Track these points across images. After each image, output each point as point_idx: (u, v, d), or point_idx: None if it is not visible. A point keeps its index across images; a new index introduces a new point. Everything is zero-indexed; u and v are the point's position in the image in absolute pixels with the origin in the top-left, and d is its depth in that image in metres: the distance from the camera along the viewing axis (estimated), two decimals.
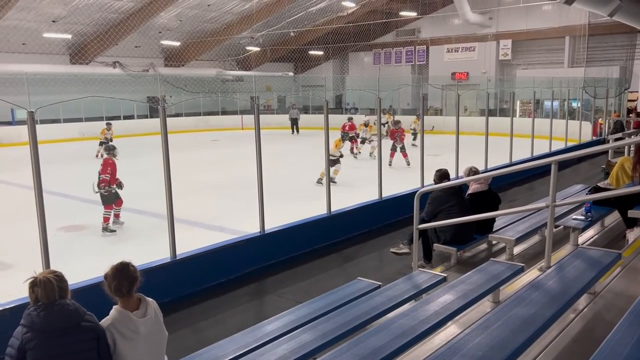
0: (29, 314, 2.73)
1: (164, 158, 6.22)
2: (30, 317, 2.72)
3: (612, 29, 23.60)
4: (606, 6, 11.37)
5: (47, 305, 2.74)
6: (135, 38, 25.19)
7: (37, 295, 2.75)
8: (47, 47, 23.05)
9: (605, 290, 4.11)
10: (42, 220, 4.99)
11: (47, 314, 2.71)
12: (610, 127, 20.19)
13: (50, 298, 2.75)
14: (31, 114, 4.85)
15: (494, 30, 28.82)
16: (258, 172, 7.24)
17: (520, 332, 3.10)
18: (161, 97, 6.67)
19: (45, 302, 2.74)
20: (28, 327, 2.70)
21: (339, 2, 26.28)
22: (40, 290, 2.74)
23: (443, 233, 6.14)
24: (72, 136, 24.23)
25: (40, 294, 2.74)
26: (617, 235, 6.08)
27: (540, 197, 8.45)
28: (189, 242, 6.77)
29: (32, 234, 5.17)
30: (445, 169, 6.67)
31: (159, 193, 6.70)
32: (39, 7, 21.15)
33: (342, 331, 3.68)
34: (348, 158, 15.92)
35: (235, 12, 26.74)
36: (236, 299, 6.45)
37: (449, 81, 27.09)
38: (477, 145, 12.35)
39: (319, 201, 8.43)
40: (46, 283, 2.75)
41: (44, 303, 2.74)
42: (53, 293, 2.75)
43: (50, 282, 2.76)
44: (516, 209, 6.13)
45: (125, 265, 2.98)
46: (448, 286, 4.28)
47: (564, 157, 5.06)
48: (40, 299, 2.74)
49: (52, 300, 2.75)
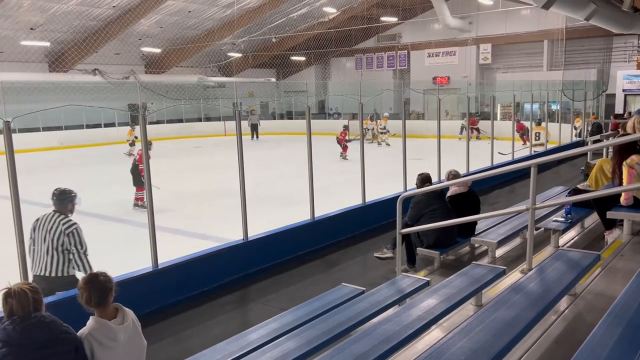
0: (4, 328, 2.66)
1: (145, 166, 6.16)
2: (6, 331, 2.65)
3: (589, 32, 23.98)
4: (582, 10, 11.57)
5: (23, 318, 2.68)
6: (115, 45, 24.97)
7: (12, 307, 2.68)
8: (24, 55, 22.73)
9: (586, 292, 4.15)
10: (19, 232, 4.90)
11: (24, 328, 2.65)
12: (588, 130, 20.51)
13: (25, 310, 2.69)
14: (7, 123, 4.77)
15: (474, 35, 29.16)
16: (240, 179, 7.21)
17: (502, 335, 3.12)
18: (141, 105, 6.63)
19: (21, 315, 2.68)
20: (4, 341, 2.63)
21: (320, 8, 26.39)
22: (14, 302, 2.68)
23: (426, 237, 6.18)
24: (52, 145, 23.94)
25: (15, 305, 2.68)
26: (597, 236, 6.16)
27: (521, 199, 8.53)
28: (171, 250, 6.71)
29: (10, 246, 5.08)
30: (427, 173, 6.71)
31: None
32: (16, 14, 20.86)
33: (327, 338, 3.67)
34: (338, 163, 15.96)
35: (216, 19, 26.68)
36: (220, 307, 6.40)
37: (430, 85, 27.31)
38: (458, 148, 12.45)
39: (302, 207, 8.42)
40: (20, 294, 2.69)
41: (20, 316, 2.68)
42: (28, 305, 2.69)
43: (25, 293, 2.70)
44: (497, 212, 6.19)
45: (95, 276, 2.95)
46: (431, 290, 4.29)
47: (543, 160, 5.12)
48: (15, 311, 2.68)
49: (27, 312, 2.69)
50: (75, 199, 5.38)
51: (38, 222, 5.23)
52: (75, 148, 24.07)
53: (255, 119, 28.45)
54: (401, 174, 9.74)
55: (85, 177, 16.03)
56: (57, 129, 25.09)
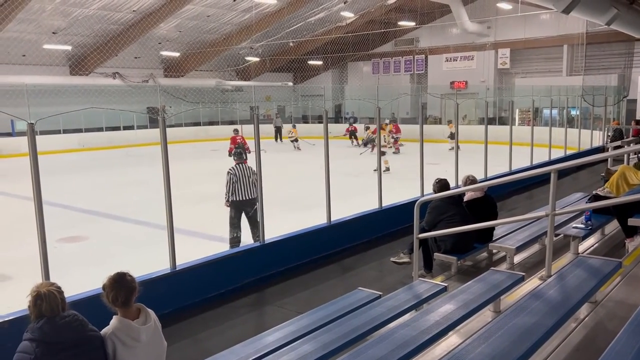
0: (39, 327, 2.73)
1: (163, 168, 6.22)
2: (42, 330, 2.72)
3: (609, 37, 23.71)
4: (604, 15, 11.43)
5: (54, 318, 2.76)
6: (135, 49, 25.31)
7: (41, 309, 2.75)
8: (47, 58, 23.14)
9: (606, 299, 4.10)
10: (41, 232, 4.97)
11: (59, 326, 2.74)
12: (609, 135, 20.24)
13: (54, 311, 2.77)
14: (31, 125, 4.84)
15: (493, 39, 28.97)
16: (258, 182, 7.24)
17: (521, 341, 3.09)
18: (161, 108, 6.69)
19: (51, 316, 2.75)
20: (39, 340, 2.70)
21: (337, 13, 26.44)
22: (44, 304, 2.75)
23: (443, 242, 6.14)
24: (72, 147, 24.30)
25: (44, 307, 2.75)
26: (618, 243, 6.07)
27: (539, 205, 8.45)
28: (189, 252, 6.76)
29: (32, 245, 5.16)
30: (445, 179, 6.67)
31: (158, 203, 6.70)
32: (39, 19, 21.25)
33: (343, 342, 3.66)
34: (349, 167, 15.94)
35: (234, 23, 26.88)
36: (236, 309, 6.42)
37: (447, 90, 27.19)
38: (476, 153, 12.36)
39: (318, 211, 8.42)
40: (50, 296, 2.77)
41: (50, 316, 2.75)
42: (57, 306, 2.78)
43: (54, 295, 2.78)
44: (516, 217, 6.13)
45: (122, 275, 2.99)
46: (449, 296, 4.27)
47: (563, 166, 5.06)
48: (44, 312, 2.75)
49: (56, 313, 2.77)
50: None
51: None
52: (94, 150, 24.42)
53: (279, 122, 28.78)
54: (411, 179, 9.68)
55: (104, 179, 16.25)
56: (77, 132, 25.46)
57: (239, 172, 8.37)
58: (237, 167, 8.45)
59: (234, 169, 8.42)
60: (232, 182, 8.33)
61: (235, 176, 8.33)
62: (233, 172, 8.38)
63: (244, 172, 8.38)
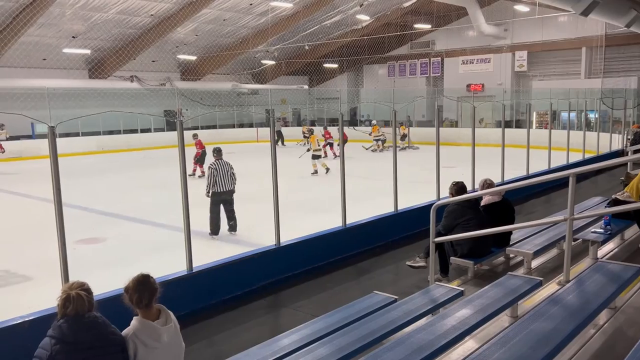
0: (59, 326, 2.78)
1: (181, 171, 6.27)
2: (61, 329, 2.76)
3: (629, 39, 23.39)
4: (623, 17, 11.28)
5: (77, 318, 2.79)
6: (152, 53, 25.56)
7: (67, 310, 2.80)
8: (66, 62, 23.47)
9: (627, 305, 4.04)
10: (61, 234, 5.05)
11: (78, 327, 2.77)
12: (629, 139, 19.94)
13: (78, 313, 2.81)
14: (52, 128, 4.93)
15: (509, 42, 28.74)
16: (274, 185, 7.27)
17: (539, 347, 3.06)
18: (178, 111, 6.76)
19: (75, 315, 2.79)
20: (58, 338, 2.74)
21: (353, 16, 26.44)
22: (71, 306, 2.80)
23: (460, 246, 6.09)
24: (90, 149, 24.60)
25: (70, 309, 2.80)
26: (638, 249, 5.98)
27: (558, 209, 8.34)
28: (206, 254, 6.80)
29: (52, 247, 5.24)
30: (462, 182, 6.62)
31: (175, 205, 6.76)
32: (59, 23, 21.58)
33: (359, 345, 3.66)
34: (364, 169, 15.91)
35: (250, 27, 27.03)
36: (252, 312, 6.45)
37: (464, 93, 27.01)
38: (493, 157, 12.27)
39: (334, 214, 8.43)
40: (78, 300, 2.81)
41: (74, 316, 2.79)
42: (83, 308, 2.82)
43: (81, 298, 2.82)
44: (534, 222, 6.07)
45: (146, 277, 3.03)
46: (465, 300, 4.24)
47: (582, 170, 5.00)
48: (69, 313, 2.80)
49: (80, 314, 2.81)
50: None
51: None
52: (112, 153, 24.69)
53: (278, 125, 28.83)
54: (426, 182, 9.63)
55: (121, 181, 16.43)
56: (96, 134, 25.77)
57: (219, 167, 9.33)
58: (217, 162, 9.42)
59: (214, 164, 9.38)
60: (213, 175, 9.26)
61: (216, 170, 9.28)
62: (214, 167, 9.34)
63: (224, 167, 9.35)
